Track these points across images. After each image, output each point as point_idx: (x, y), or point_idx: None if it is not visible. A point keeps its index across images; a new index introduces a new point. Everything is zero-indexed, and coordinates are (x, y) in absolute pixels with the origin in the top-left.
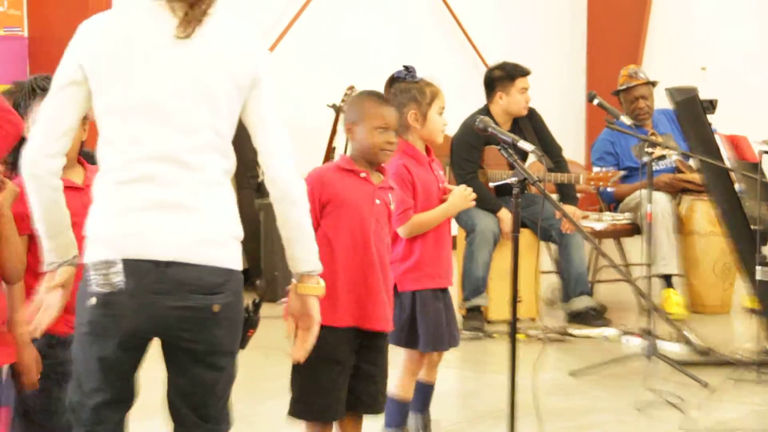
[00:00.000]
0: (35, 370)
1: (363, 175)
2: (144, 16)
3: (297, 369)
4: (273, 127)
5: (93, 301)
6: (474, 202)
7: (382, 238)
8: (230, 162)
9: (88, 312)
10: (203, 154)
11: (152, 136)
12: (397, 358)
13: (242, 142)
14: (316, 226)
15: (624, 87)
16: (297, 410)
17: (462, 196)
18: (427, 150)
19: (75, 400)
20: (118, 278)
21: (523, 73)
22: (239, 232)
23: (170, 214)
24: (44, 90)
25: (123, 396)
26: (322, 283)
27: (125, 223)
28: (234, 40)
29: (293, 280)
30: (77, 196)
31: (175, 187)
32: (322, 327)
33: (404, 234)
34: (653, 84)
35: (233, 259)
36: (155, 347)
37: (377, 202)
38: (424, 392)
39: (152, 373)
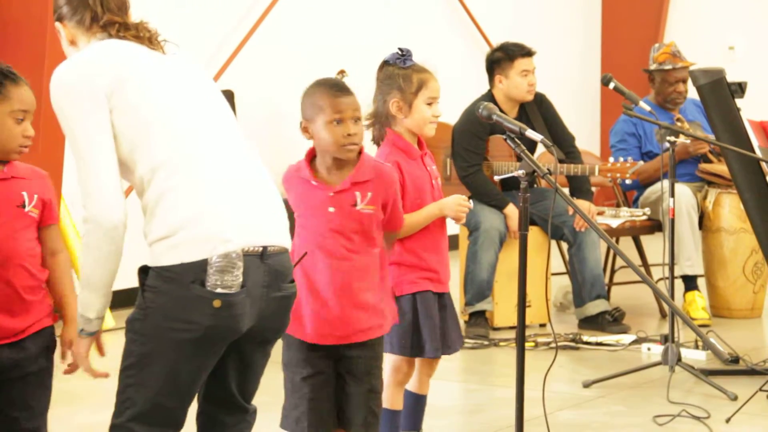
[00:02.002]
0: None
1: (314, 183)
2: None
3: (285, 379)
4: None
5: (217, 304)
6: (462, 221)
7: (343, 252)
8: None
9: (206, 317)
10: (241, 140)
11: (202, 128)
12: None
13: None
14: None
15: (669, 67)
16: (282, 421)
17: (456, 205)
18: (419, 143)
19: (160, 404)
20: (241, 278)
21: (525, 53)
22: None
23: (257, 198)
24: (14, 75)
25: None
26: None
27: (230, 211)
28: None
29: None
30: None
31: (246, 169)
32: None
33: None
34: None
35: None
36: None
37: (330, 210)
38: (417, 405)
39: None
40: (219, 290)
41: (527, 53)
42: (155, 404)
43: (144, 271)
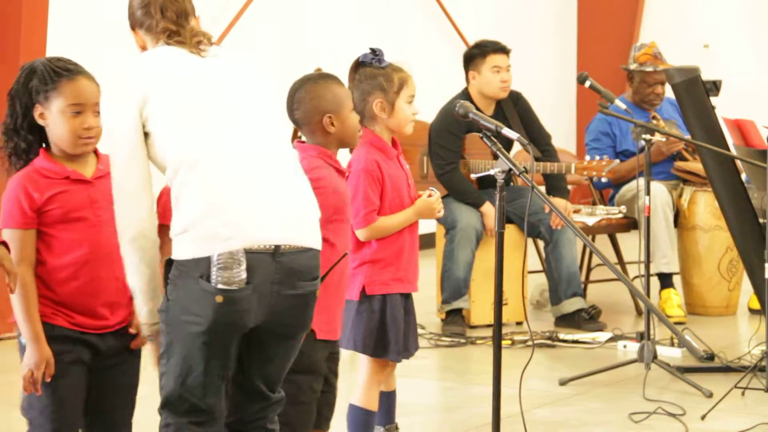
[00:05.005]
0: None
1: (347, 174)
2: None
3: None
4: None
5: (219, 299)
6: (440, 214)
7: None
8: None
9: (211, 311)
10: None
11: (230, 127)
12: (353, 366)
13: None
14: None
15: (650, 69)
16: None
17: (429, 206)
18: (394, 143)
19: (181, 395)
20: (244, 274)
21: (498, 49)
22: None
23: (277, 197)
24: (69, 71)
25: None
26: None
27: (237, 209)
28: None
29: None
30: (83, 190)
31: (272, 168)
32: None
33: (363, 237)
34: None
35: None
36: None
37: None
38: (388, 402)
39: None
40: (221, 286)
41: (500, 49)
42: (179, 394)
43: (169, 263)
